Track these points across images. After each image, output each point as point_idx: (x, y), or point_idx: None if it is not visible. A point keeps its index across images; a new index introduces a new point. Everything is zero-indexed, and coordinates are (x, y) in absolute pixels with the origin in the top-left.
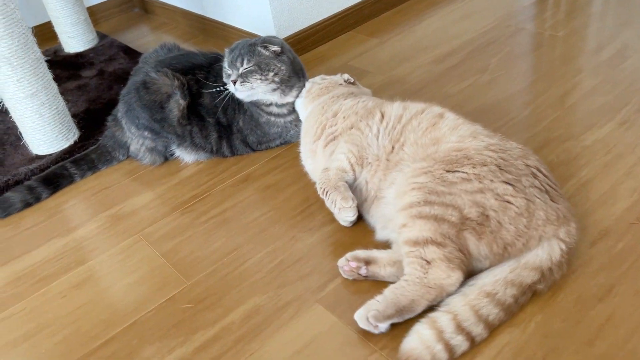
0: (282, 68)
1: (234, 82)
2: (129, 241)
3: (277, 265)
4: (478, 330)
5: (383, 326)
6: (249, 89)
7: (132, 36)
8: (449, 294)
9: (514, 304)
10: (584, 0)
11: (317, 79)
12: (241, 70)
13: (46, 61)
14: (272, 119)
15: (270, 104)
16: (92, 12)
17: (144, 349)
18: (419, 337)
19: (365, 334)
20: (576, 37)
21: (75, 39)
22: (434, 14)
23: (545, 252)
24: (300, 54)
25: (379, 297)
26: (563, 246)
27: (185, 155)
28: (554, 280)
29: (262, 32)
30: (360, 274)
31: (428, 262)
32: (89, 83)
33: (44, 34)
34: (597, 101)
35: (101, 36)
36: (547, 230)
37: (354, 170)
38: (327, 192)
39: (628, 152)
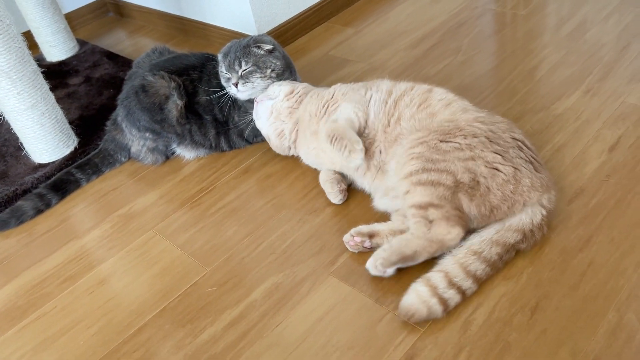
0: (277, 63)
1: (235, 85)
2: (145, 237)
3: (288, 246)
4: (467, 284)
5: (390, 271)
6: (251, 88)
7: (111, 41)
8: (450, 248)
9: (499, 260)
10: None
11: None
12: (240, 72)
13: None
14: None
15: None
16: (67, 19)
17: (177, 331)
18: (416, 294)
19: (378, 299)
20: (538, 15)
21: (56, 47)
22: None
23: (527, 216)
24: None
25: (385, 246)
26: (544, 212)
27: (186, 153)
28: (535, 240)
29: (243, 29)
30: (365, 247)
31: (430, 222)
32: (78, 90)
33: None
34: (564, 73)
35: (81, 43)
36: (532, 197)
37: (359, 122)
38: (336, 138)
39: (594, 118)
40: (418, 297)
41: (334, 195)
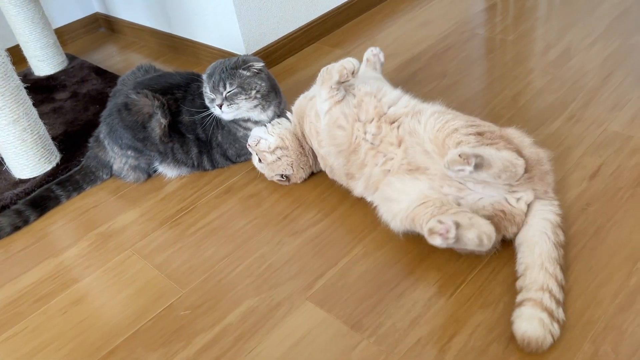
0: (263, 84)
1: (220, 106)
2: (122, 256)
3: (266, 268)
4: (562, 294)
5: (468, 168)
6: (235, 109)
7: (101, 56)
8: (517, 175)
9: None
10: (530, 5)
11: None
12: (225, 93)
13: None
14: (249, 133)
15: (248, 120)
16: (58, 33)
17: (149, 355)
18: (539, 321)
19: (353, 326)
20: (525, 40)
21: (45, 62)
22: (394, 23)
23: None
24: (270, 67)
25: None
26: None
27: (168, 171)
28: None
29: (232, 48)
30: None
31: (498, 149)
32: (64, 105)
33: (13, 57)
34: (547, 99)
35: (70, 58)
36: (550, 182)
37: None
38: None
39: (576, 145)
40: (542, 324)
41: None
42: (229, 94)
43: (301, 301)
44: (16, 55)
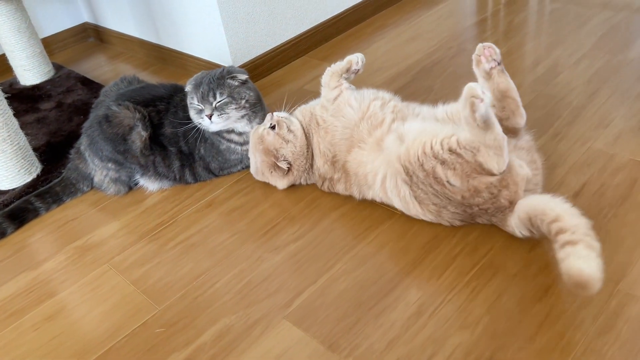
0: (251, 94)
1: (209, 116)
2: (99, 271)
3: (244, 285)
4: None
5: (497, 56)
6: (225, 119)
7: (88, 66)
8: (519, 111)
9: None
10: (519, 21)
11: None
12: (215, 103)
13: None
14: (232, 146)
15: (231, 132)
16: (46, 43)
17: None
18: (598, 266)
19: (330, 346)
20: (513, 56)
21: (31, 71)
22: (382, 37)
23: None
24: (257, 80)
25: None
26: None
27: (149, 184)
28: None
29: (219, 59)
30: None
31: None
32: (48, 116)
33: None
34: (533, 115)
35: (57, 67)
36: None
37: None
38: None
39: (560, 163)
40: (599, 269)
41: None
42: (219, 103)
43: (278, 320)
44: (2, 64)
